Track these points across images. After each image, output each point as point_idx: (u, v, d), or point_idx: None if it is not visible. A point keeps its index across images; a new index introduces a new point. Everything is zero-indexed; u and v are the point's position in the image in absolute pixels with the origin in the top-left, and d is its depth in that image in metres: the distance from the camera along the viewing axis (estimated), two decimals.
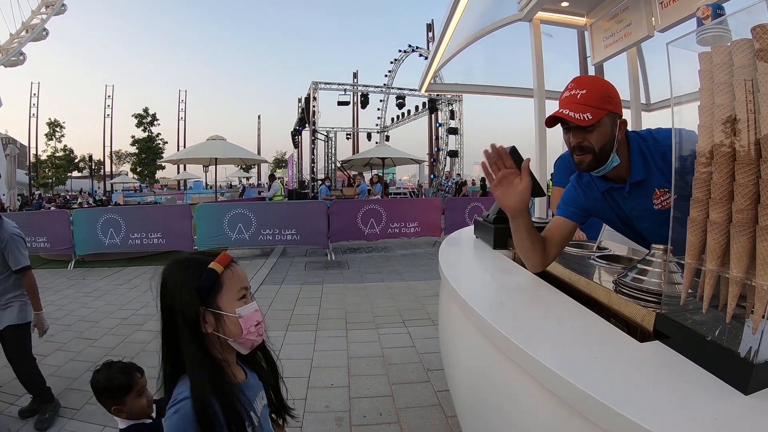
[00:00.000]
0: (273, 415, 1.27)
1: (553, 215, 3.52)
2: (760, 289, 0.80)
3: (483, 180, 22.99)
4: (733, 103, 0.89)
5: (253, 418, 1.07)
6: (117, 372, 1.73)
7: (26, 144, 41.82)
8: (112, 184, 40.94)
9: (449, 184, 19.51)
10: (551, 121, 1.57)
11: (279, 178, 24.18)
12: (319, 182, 19.41)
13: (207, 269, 1.05)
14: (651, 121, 4.70)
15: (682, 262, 1.00)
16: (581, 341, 1.15)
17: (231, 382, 1.07)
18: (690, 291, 1.02)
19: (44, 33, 26.00)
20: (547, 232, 1.76)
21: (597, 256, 1.79)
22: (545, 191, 3.07)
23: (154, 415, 1.80)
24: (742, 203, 0.85)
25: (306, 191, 20.57)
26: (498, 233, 2.31)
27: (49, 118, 42.95)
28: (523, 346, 1.07)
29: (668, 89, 1.05)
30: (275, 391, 1.27)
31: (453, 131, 24.31)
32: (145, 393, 1.76)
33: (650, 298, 1.16)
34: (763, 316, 0.79)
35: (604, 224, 2.15)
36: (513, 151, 2.44)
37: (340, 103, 22.85)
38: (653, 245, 1.23)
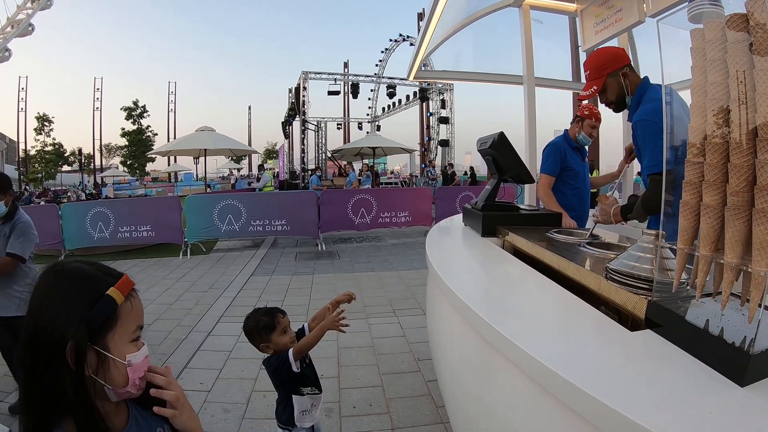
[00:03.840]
0: None
1: (541, 202, 3.52)
2: (757, 276, 0.76)
3: (472, 169, 23.03)
4: (727, 81, 0.85)
5: None
6: (262, 315, 1.97)
7: (15, 139, 41.32)
8: (102, 178, 40.51)
9: (436, 172, 19.68)
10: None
11: (270, 168, 24.05)
12: (310, 172, 19.33)
13: (104, 295, 0.82)
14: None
15: (675, 247, 0.96)
16: (569, 330, 1.12)
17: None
18: (684, 278, 0.98)
19: (30, 28, 25.48)
20: None
21: (588, 243, 1.74)
22: (534, 178, 3.04)
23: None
24: (737, 185, 0.80)
25: (297, 182, 20.46)
26: (486, 220, 2.26)
27: (38, 113, 42.45)
28: (507, 334, 1.03)
29: (660, 77, 1.01)
30: None
31: (444, 120, 24.26)
32: (288, 331, 2.00)
33: (642, 285, 1.12)
34: (760, 305, 0.75)
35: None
36: (500, 136, 2.40)
37: (330, 93, 22.74)
38: (644, 230, 1.19)
